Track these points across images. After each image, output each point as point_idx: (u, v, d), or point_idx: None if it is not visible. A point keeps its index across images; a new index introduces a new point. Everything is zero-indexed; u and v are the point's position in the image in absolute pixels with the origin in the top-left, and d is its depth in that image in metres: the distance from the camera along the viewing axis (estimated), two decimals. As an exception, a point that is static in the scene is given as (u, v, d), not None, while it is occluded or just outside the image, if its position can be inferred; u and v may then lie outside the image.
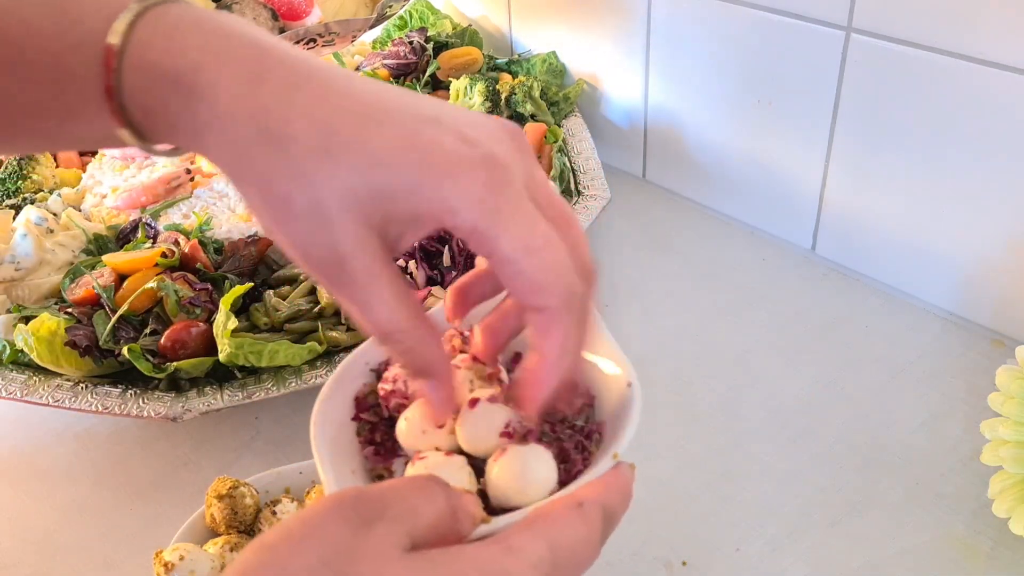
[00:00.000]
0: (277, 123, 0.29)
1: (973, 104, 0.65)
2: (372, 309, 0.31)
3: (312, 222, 0.30)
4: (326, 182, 0.29)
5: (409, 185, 0.29)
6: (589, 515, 0.30)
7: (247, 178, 0.31)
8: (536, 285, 0.30)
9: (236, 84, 0.30)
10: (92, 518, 0.63)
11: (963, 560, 0.55)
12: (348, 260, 0.30)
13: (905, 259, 0.75)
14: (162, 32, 0.31)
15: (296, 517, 0.27)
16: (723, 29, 0.80)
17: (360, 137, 0.29)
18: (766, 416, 0.66)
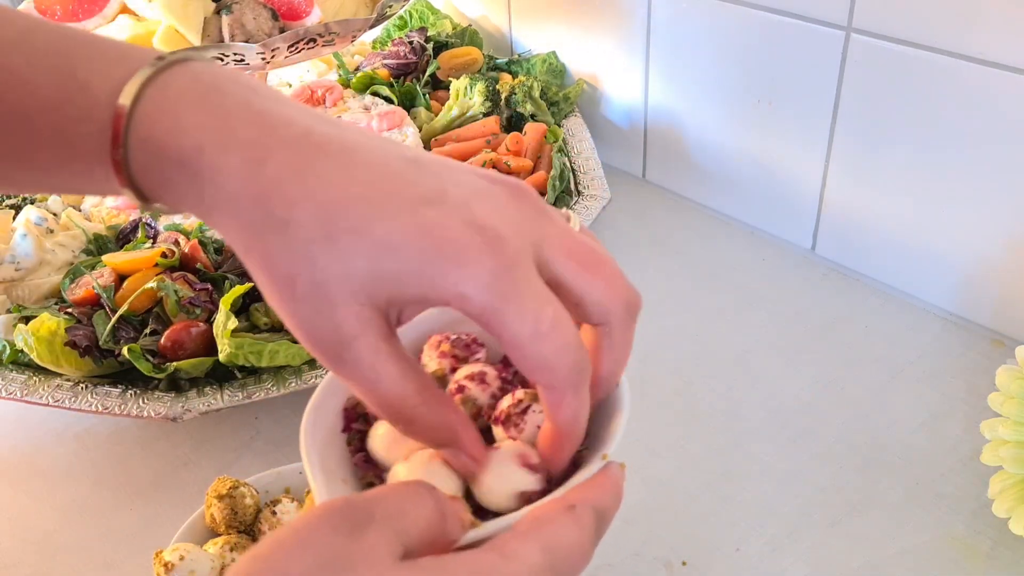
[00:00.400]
0: (280, 207, 0.30)
1: (973, 104, 0.65)
2: (379, 387, 0.31)
3: (315, 304, 0.30)
4: (329, 267, 0.29)
5: (415, 272, 0.29)
6: (582, 518, 0.30)
7: (253, 258, 0.31)
8: (543, 367, 0.30)
9: (238, 168, 0.30)
10: (92, 518, 0.63)
11: (963, 560, 0.55)
12: (352, 341, 0.30)
13: (905, 259, 0.75)
14: (167, 109, 0.31)
15: (287, 527, 0.27)
16: (723, 29, 0.80)
17: (363, 223, 0.29)
18: (766, 416, 0.66)
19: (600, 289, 0.32)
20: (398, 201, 0.30)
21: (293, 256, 0.30)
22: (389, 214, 0.30)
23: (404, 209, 0.30)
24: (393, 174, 0.31)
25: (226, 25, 0.75)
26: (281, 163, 0.30)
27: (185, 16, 0.75)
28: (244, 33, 0.75)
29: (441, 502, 0.29)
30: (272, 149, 0.30)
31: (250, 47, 0.70)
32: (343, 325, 0.30)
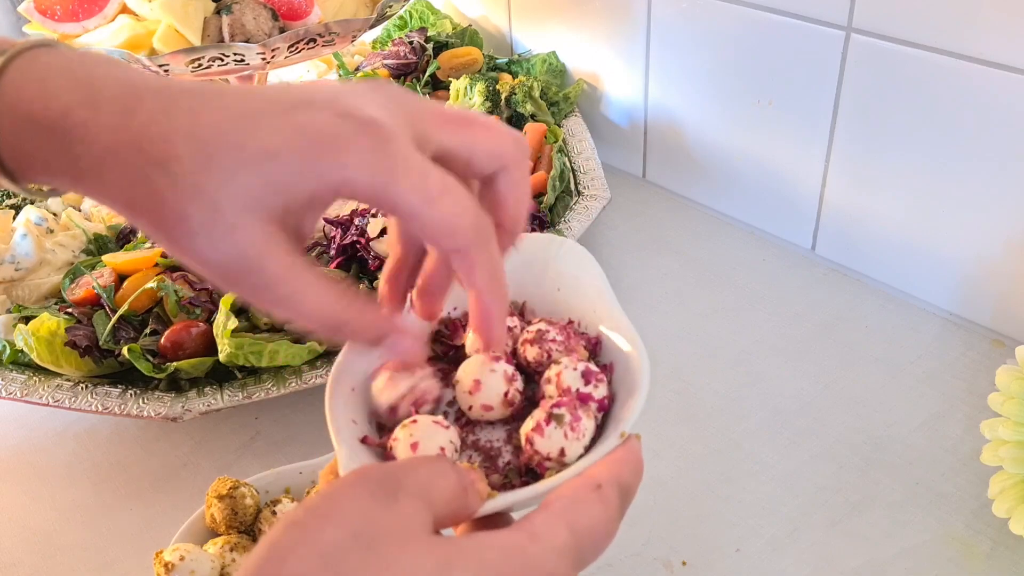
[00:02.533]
0: (156, 147, 0.30)
1: (973, 104, 0.65)
2: (303, 302, 0.31)
3: (214, 233, 0.30)
4: (217, 190, 0.29)
5: (299, 171, 0.30)
6: (607, 496, 0.30)
7: (138, 208, 0.30)
8: (445, 230, 0.31)
9: (109, 120, 0.30)
10: (92, 518, 0.63)
11: (963, 560, 0.55)
12: (262, 260, 0.30)
13: (905, 259, 0.75)
14: (33, 78, 0.31)
15: (321, 494, 0.27)
16: (723, 29, 0.80)
17: (239, 139, 0.30)
18: (766, 416, 0.66)
19: (483, 138, 0.33)
20: (269, 113, 0.30)
21: (179, 191, 0.29)
22: (262, 125, 0.30)
23: (276, 117, 0.30)
24: (259, 95, 0.31)
25: (226, 25, 0.75)
26: (150, 109, 0.30)
27: (185, 16, 0.75)
28: (244, 33, 0.75)
29: (462, 475, 0.30)
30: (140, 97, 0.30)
31: (250, 47, 0.70)
32: (247, 246, 0.30)
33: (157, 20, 0.77)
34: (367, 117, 0.31)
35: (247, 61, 0.72)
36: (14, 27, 1.37)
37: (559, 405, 0.34)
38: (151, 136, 0.30)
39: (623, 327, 0.38)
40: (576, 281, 0.40)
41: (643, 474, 0.33)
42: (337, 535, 0.26)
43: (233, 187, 0.29)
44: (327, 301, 0.31)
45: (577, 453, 0.33)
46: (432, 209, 0.31)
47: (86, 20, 0.79)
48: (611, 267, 0.83)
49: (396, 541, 0.26)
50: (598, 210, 0.82)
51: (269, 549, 0.26)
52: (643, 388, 0.35)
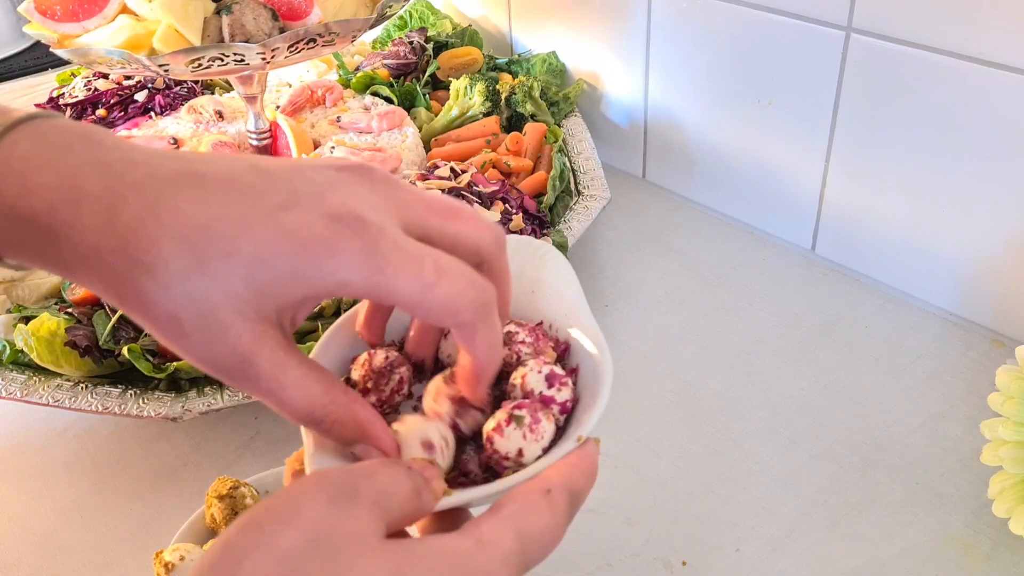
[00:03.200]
0: (143, 251, 0.29)
1: (973, 104, 0.65)
2: (287, 397, 0.32)
3: (206, 335, 0.30)
4: (209, 296, 0.30)
5: (291, 276, 0.30)
6: (556, 501, 0.31)
7: (131, 307, 0.31)
8: (447, 312, 0.31)
9: (92, 221, 0.30)
10: (92, 518, 0.63)
11: (963, 560, 0.55)
12: (251, 359, 0.31)
13: (905, 259, 0.75)
14: (13, 172, 0.30)
15: (280, 495, 0.28)
16: (723, 29, 0.80)
17: (229, 244, 0.30)
18: (766, 416, 0.66)
19: (467, 229, 0.34)
20: (255, 214, 0.30)
21: (170, 295, 0.30)
22: (250, 229, 0.30)
23: (264, 220, 0.30)
24: (245, 189, 0.31)
25: (226, 25, 0.75)
26: (134, 207, 0.30)
27: (185, 16, 0.75)
28: (244, 33, 0.75)
29: (414, 476, 0.30)
30: (123, 195, 0.30)
31: (250, 47, 0.70)
32: (238, 346, 0.30)
33: (157, 20, 0.77)
34: (355, 216, 0.31)
35: (247, 61, 0.72)
36: (14, 27, 1.37)
37: (520, 407, 0.34)
38: (136, 239, 0.29)
39: (591, 332, 0.39)
40: (550, 285, 0.41)
41: (596, 478, 0.33)
42: (294, 540, 0.26)
43: (224, 293, 0.30)
44: (309, 399, 0.32)
45: (535, 454, 0.34)
46: (432, 294, 0.31)
47: (86, 20, 0.79)
48: (611, 267, 0.83)
49: (352, 548, 0.27)
50: (598, 210, 0.82)
51: (225, 549, 0.26)
52: (604, 394, 0.35)
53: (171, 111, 1.00)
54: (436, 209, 0.34)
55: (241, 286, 0.30)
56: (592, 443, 0.34)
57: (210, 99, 0.98)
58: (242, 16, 0.75)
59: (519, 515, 0.30)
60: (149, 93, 1.03)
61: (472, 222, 0.34)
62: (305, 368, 0.32)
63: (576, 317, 0.40)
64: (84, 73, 1.07)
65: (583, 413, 0.36)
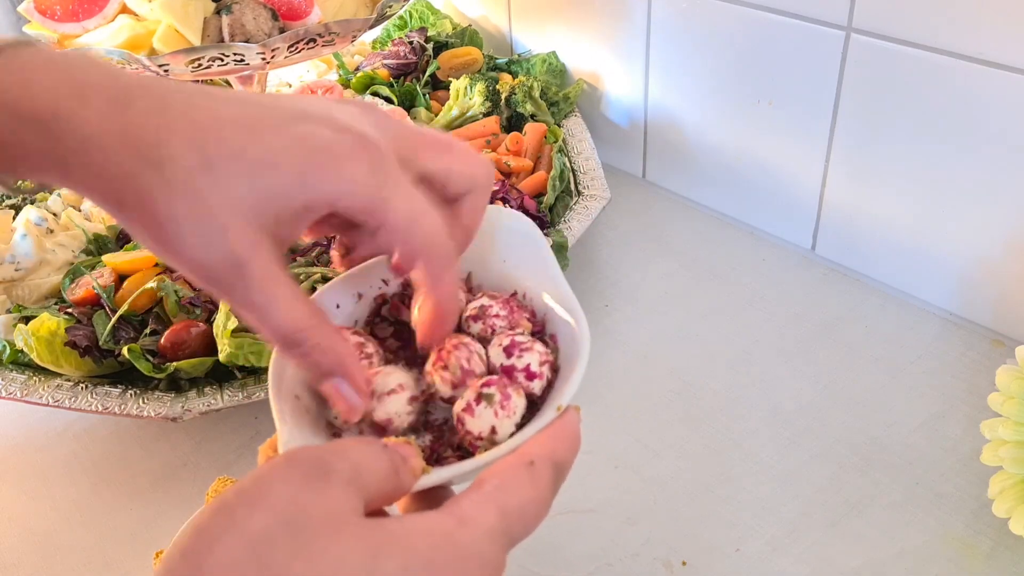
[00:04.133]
0: (151, 144, 0.29)
1: (973, 104, 0.65)
2: (273, 311, 0.32)
3: (204, 235, 0.30)
4: (213, 194, 0.30)
5: (297, 182, 0.31)
6: (539, 474, 0.31)
7: (126, 203, 0.30)
8: (424, 247, 0.33)
9: (101, 110, 0.30)
10: (92, 518, 0.63)
11: (963, 560, 0.55)
12: (245, 265, 0.31)
13: (905, 259, 0.75)
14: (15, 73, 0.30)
15: (252, 476, 0.27)
16: (723, 29, 0.80)
17: (238, 146, 0.30)
18: (766, 416, 0.66)
19: (460, 163, 0.35)
20: (267, 122, 0.31)
21: (173, 191, 0.29)
22: (261, 134, 0.30)
23: (274, 127, 0.31)
24: (255, 103, 0.32)
25: (226, 25, 0.75)
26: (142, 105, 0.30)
27: (185, 16, 0.75)
28: (244, 33, 0.75)
29: (393, 455, 0.30)
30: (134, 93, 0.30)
31: (250, 47, 0.70)
32: (235, 249, 0.30)
33: (157, 20, 0.77)
34: (362, 134, 0.32)
35: (247, 61, 0.72)
36: (14, 27, 1.37)
37: (489, 384, 0.34)
38: (143, 134, 0.29)
39: (565, 299, 0.38)
40: (521, 253, 0.41)
41: (579, 448, 0.33)
42: (266, 522, 0.26)
43: (229, 192, 0.30)
44: (295, 317, 0.32)
45: (508, 431, 0.34)
46: (417, 226, 0.33)
47: (86, 20, 0.79)
48: (611, 267, 0.83)
49: (325, 529, 0.26)
50: (598, 210, 0.82)
51: (196, 534, 0.26)
52: (582, 360, 0.35)
53: (171, 111, 0.99)
54: (431, 142, 0.35)
55: (246, 188, 0.30)
56: (573, 411, 0.33)
57: (210, 99, 0.98)
58: (242, 16, 0.75)
59: (501, 490, 0.30)
60: (149, 93, 1.02)
61: (465, 156, 0.36)
62: (295, 288, 0.32)
63: (550, 285, 0.39)
64: (84, 73, 1.07)
65: (562, 382, 0.35)
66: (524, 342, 0.36)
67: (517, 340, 0.36)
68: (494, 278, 0.41)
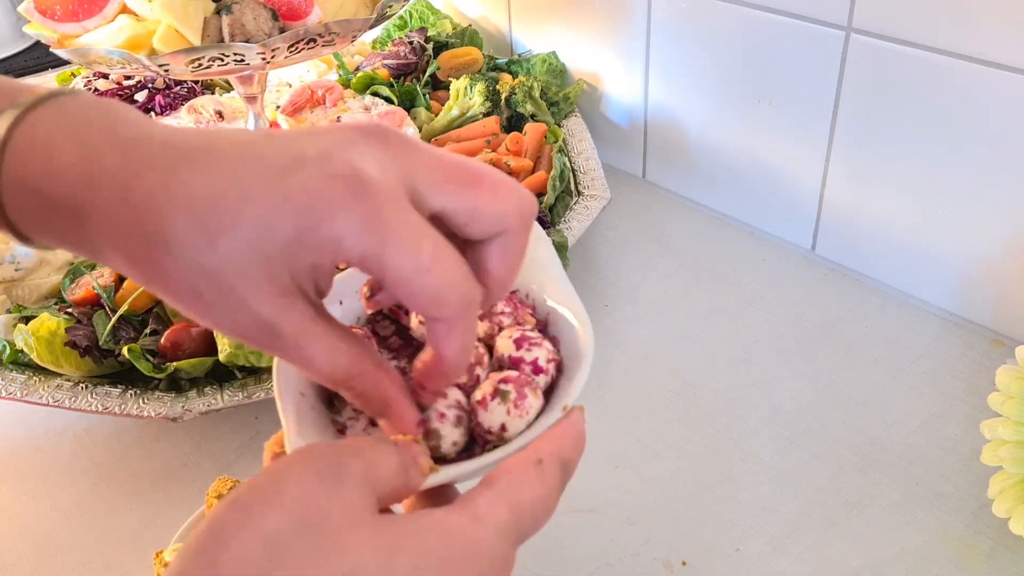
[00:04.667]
0: (155, 227, 0.29)
1: (973, 104, 0.65)
2: (315, 363, 0.31)
3: (228, 306, 0.30)
4: (222, 269, 0.29)
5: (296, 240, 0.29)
6: (547, 472, 0.31)
7: (155, 285, 0.31)
8: (432, 302, 0.30)
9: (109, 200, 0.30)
10: (92, 518, 0.63)
11: (963, 560, 0.55)
12: (275, 328, 0.30)
13: (905, 259, 0.75)
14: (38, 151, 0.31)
15: (267, 473, 0.27)
16: (723, 29, 0.80)
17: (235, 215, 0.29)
18: (766, 416, 0.66)
19: (487, 200, 0.31)
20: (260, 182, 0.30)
21: (187, 270, 0.29)
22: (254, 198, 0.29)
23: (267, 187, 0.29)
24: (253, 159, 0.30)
25: (226, 25, 0.75)
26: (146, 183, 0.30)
27: (185, 16, 0.75)
28: (244, 33, 0.75)
29: (403, 453, 0.30)
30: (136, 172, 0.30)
31: (250, 47, 0.70)
32: (261, 315, 0.30)
33: (157, 20, 0.77)
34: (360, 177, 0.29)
35: (247, 61, 0.72)
36: (14, 27, 1.37)
37: (507, 380, 0.34)
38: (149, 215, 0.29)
39: (569, 300, 0.38)
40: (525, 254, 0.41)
41: (584, 447, 0.33)
42: (282, 520, 0.26)
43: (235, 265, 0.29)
44: (335, 369, 0.32)
45: (518, 430, 0.34)
46: (422, 279, 0.29)
47: (86, 20, 0.79)
48: (611, 267, 0.83)
49: (341, 527, 0.26)
50: (598, 210, 0.82)
51: (211, 529, 0.26)
52: (587, 361, 0.35)
53: (171, 111, 1.00)
54: (453, 175, 0.31)
55: (251, 257, 0.29)
56: (578, 411, 0.34)
57: (210, 99, 0.98)
58: (242, 16, 0.75)
59: (511, 487, 0.30)
60: (149, 93, 1.03)
61: (493, 191, 0.31)
62: (334, 338, 0.31)
63: (553, 285, 0.39)
64: (84, 73, 1.07)
65: (567, 382, 0.35)
66: (534, 337, 0.36)
67: (528, 334, 0.36)
68: None
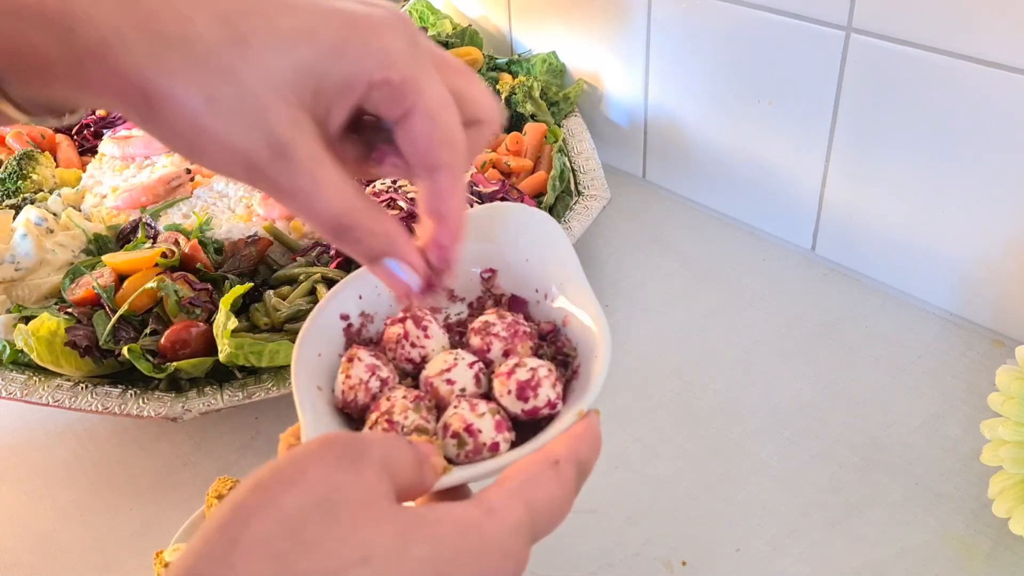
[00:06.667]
0: (173, 25, 0.27)
1: (973, 104, 0.65)
2: (321, 195, 0.30)
3: (242, 117, 0.28)
4: (248, 71, 0.28)
5: (337, 51, 0.29)
6: (564, 473, 0.31)
7: (153, 98, 0.28)
8: (447, 140, 0.31)
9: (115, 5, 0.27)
10: (92, 518, 0.63)
11: (963, 560, 0.55)
12: (289, 146, 0.29)
13: (905, 259, 0.75)
14: None
15: (287, 457, 0.27)
16: (723, 29, 0.80)
17: (270, 18, 0.28)
18: (766, 416, 0.66)
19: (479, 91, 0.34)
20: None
21: (205, 73, 0.28)
22: (293, 5, 0.29)
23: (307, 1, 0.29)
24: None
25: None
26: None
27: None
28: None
29: (419, 451, 0.30)
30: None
31: (250, 47, 0.70)
32: (276, 130, 0.29)
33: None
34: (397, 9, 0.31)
35: (247, 61, 0.72)
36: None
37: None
38: (166, 14, 0.27)
39: (587, 303, 0.38)
40: (545, 253, 0.41)
41: (601, 449, 0.33)
42: (301, 500, 0.26)
43: (264, 67, 0.28)
44: (344, 199, 0.30)
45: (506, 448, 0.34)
46: (446, 113, 0.31)
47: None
48: (611, 267, 0.83)
49: (359, 509, 0.26)
50: (598, 210, 0.82)
51: (233, 509, 0.26)
52: (603, 367, 0.35)
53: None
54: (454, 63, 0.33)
55: (283, 61, 0.28)
56: (594, 415, 0.34)
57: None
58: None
59: (528, 486, 0.30)
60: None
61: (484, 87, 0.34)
62: (341, 169, 0.30)
63: (572, 285, 0.39)
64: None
65: (583, 386, 0.35)
66: (528, 378, 0.35)
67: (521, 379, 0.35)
68: (516, 275, 0.41)
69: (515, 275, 0.41)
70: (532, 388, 0.35)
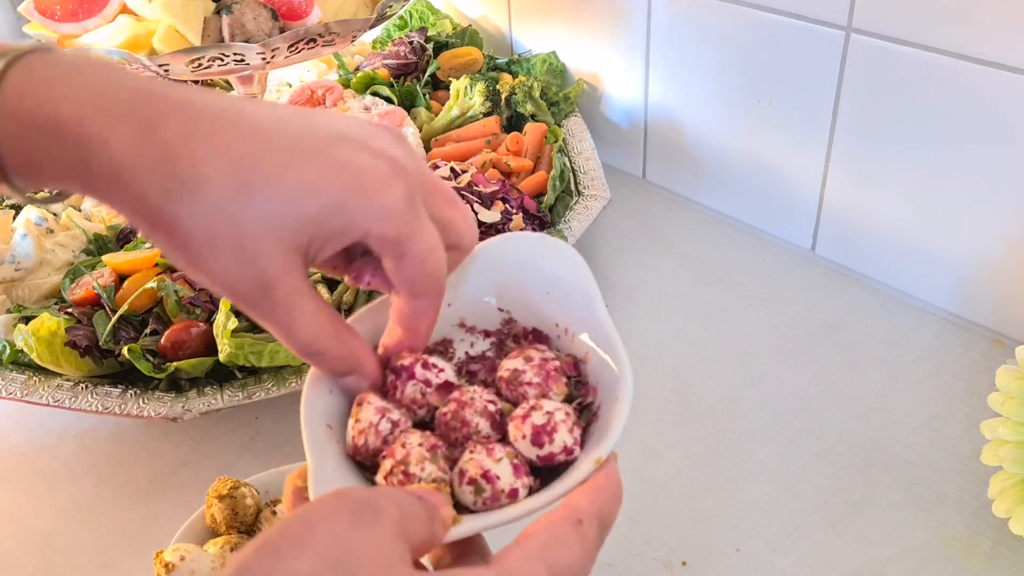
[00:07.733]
0: (186, 167, 0.29)
1: (973, 104, 0.65)
2: (296, 325, 0.32)
3: (237, 258, 0.30)
4: (249, 219, 0.30)
5: (338, 207, 0.31)
6: (587, 533, 0.30)
7: (161, 227, 0.30)
8: (431, 278, 0.34)
9: (131, 134, 0.29)
10: (92, 518, 0.63)
11: (963, 560, 0.55)
12: (272, 287, 0.31)
13: (905, 259, 0.75)
14: (35, 84, 0.30)
15: (298, 515, 0.26)
16: (723, 29, 0.80)
17: (277, 170, 0.30)
18: (766, 416, 0.66)
19: (460, 219, 0.36)
20: (304, 146, 0.31)
21: (209, 215, 0.29)
22: (301, 158, 0.30)
23: (314, 150, 0.31)
24: (289, 125, 0.31)
25: (226, 25, 0.75)
26: (176, 126, 0.29)
27: (185, 16, 0.75)
28: (244, 33, 0.75)
29: (428, 505, 0.30)
30: (162, 113, 0.29)
31: (250, 47, 0.70)
32: (265, 272, 0.31)
33: (157, 20, 0.77)
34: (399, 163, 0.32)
35: (247, 61, 0.72)
36: (14, 27, 1.37)
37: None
38: (178, 156, 0.29)
39: (607, 339, 0.37)
40: (566, 286, 0.39)
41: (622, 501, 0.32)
42: (313, 564, 0.25)
43: (265, 218, 0.30)
44: (315, 329, 0.33)
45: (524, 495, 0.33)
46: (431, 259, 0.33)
47: (86, 20, 0.79)
48: (611, 267, 0.83)
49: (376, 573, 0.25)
50: (598, 210, 0.82)
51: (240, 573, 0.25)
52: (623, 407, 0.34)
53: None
54: (442, 191, 0.36)
55: (285, 213, 0.30)
56: (613, 461, 0.32)
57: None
58: (242, 16, 0.75)
59: (550, 548, 0.29)
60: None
61: (465, 214, 0.37)
62: (318, 301, 0.33)
63: (592, 323, 0.38)
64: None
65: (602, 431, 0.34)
66: (544, 423, 0.34)
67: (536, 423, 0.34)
68: (536, 309, 0.40)
69: (534, 306, 0.40)
70: (548, 433, 0.33)
